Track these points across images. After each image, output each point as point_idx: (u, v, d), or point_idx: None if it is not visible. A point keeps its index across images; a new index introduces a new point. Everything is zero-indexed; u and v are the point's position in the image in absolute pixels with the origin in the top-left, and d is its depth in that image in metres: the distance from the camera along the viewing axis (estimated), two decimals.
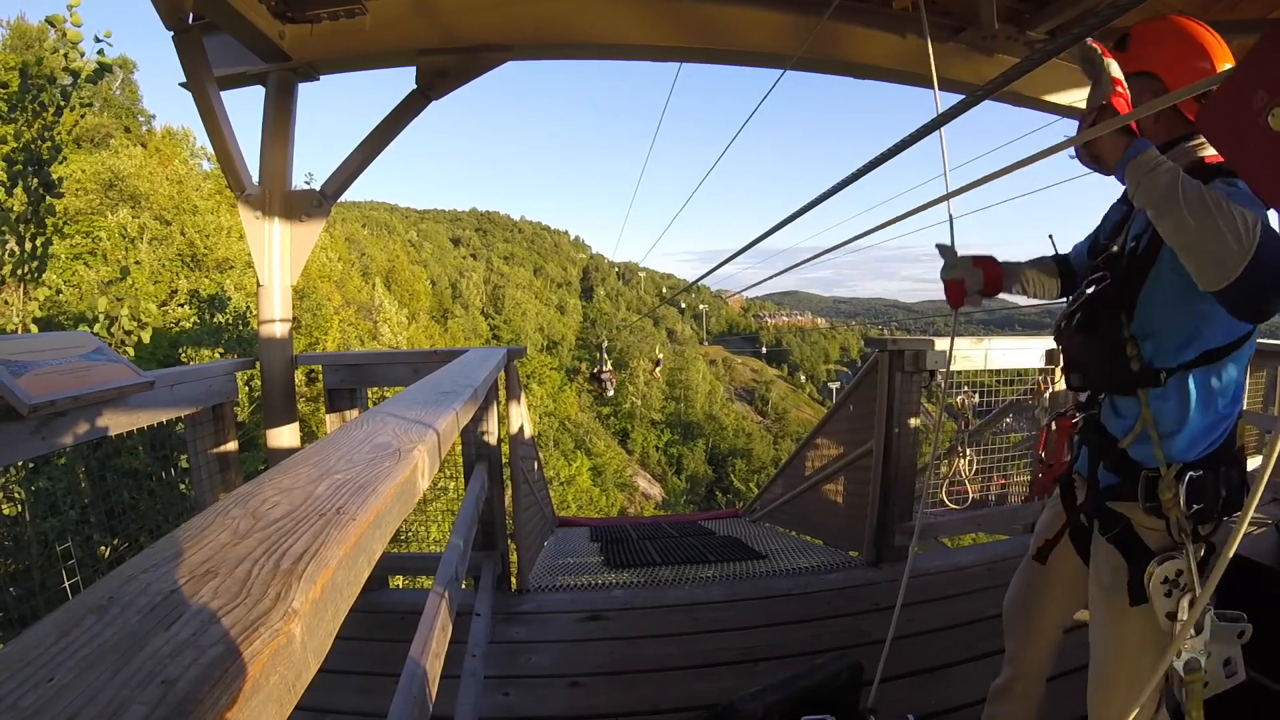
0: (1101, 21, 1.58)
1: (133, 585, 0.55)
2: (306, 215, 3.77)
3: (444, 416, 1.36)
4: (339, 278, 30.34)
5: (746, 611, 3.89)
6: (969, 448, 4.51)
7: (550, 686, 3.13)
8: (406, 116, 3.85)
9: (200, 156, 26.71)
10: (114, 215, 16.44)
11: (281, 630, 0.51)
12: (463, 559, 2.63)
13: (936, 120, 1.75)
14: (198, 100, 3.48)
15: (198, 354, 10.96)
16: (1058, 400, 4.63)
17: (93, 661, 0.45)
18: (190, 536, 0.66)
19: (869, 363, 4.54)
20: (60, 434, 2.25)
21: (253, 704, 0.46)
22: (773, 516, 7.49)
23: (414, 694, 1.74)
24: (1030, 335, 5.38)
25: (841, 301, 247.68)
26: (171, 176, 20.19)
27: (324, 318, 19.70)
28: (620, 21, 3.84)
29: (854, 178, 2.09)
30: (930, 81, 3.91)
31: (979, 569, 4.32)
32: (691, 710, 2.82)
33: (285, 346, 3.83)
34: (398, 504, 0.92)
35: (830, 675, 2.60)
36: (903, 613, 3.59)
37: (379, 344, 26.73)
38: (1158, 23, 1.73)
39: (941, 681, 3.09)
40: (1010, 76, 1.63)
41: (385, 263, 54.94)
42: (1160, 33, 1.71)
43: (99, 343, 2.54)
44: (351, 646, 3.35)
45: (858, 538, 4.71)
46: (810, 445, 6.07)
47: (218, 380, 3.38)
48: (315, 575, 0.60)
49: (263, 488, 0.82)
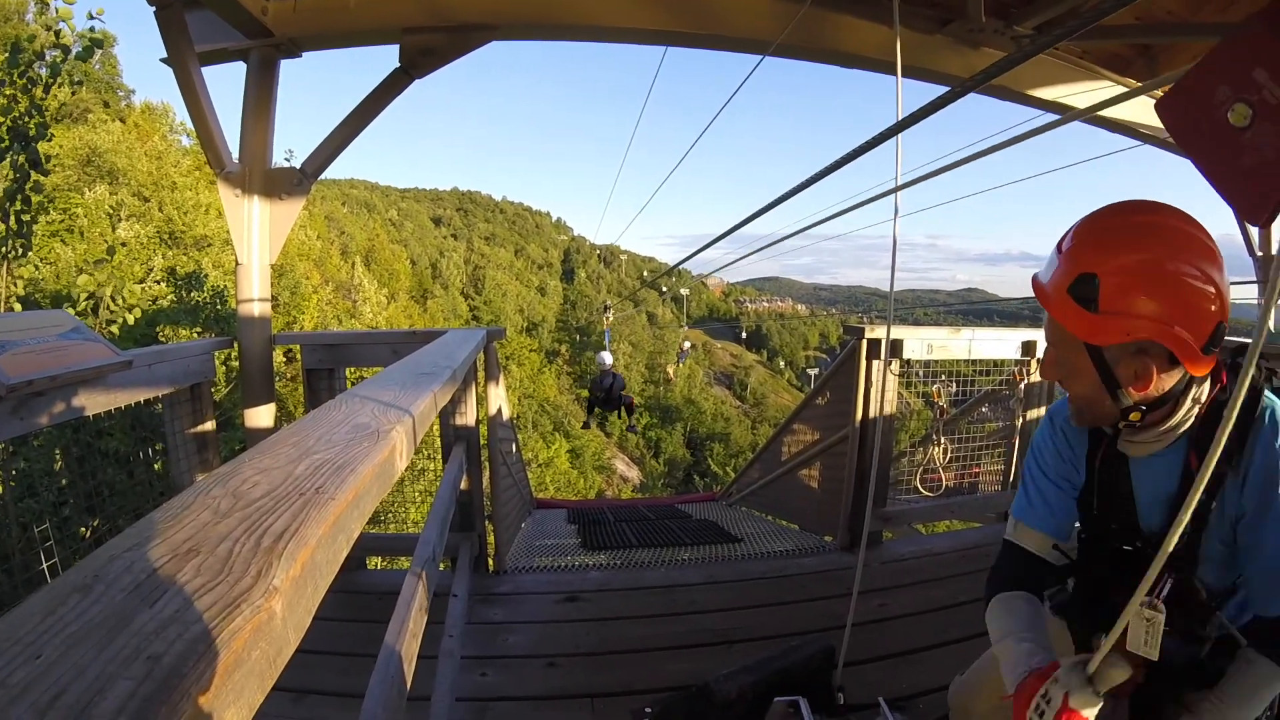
0: (1089, 20, 1.60)
1: (116, 564, 0.55)
2: (286, 193, 3.74)
3: (423, 398, 1.37)
4: (318, 256, 29.99)
5: (723, 594, 3.92)
6: (944, 436, 4.56)
7: (527, 667, 3.16)
8: (389, 95, 3.82)
9: (180, 132, 26.31)
10: (91, 192, 16.16)
11: (263, 607, 0.52)
12: (440, 540, 2.63)
13: (908, 119, 1.77)
14: (179, 76, 3.44)
15: (175, 333, 10.83)
16: (1032, 391, 4.69)
17: (79, 638, 0.46)
18: (172, 516, 0.66)
19: (847, 350, 4.57)
20: (38, 414, 2.24)
21: (235, 678, 0.47)
22: (749, 500, 7.54)
23: (391, 674, 1.75)
24: (1007, 327, 5.43)
25: (822, 288, 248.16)
26: (150, 152, 19.83)
27: (302, 296, 19.48)
28: (608, 3, 3.83)
29: (833, 168, 2.11)
30: (914, 73, 3.95)
31: (953, 555, 4.38)
32: (667, 691, 2.85)
33: (264, 326, 3.80)
34: (376, 484, 0.93)
35: (804, 657, 2.63)
36: (877, 597, 3.65)
37: (358, 323, 26.48)
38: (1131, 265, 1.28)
39: (914, 665, 3.14)
40: (991, 73, 1.65)
41: (365, 241, 54.53)
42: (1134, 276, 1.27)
43: (77, 321, 2.52)
44: (329, 627, 3.34)
45: (833, 522, 4.76)
46: (787, 431, 6.11)
47: (196, 360, 3.36)
48: (295, 553, 0.61)
49: (243, 467, 0.83)
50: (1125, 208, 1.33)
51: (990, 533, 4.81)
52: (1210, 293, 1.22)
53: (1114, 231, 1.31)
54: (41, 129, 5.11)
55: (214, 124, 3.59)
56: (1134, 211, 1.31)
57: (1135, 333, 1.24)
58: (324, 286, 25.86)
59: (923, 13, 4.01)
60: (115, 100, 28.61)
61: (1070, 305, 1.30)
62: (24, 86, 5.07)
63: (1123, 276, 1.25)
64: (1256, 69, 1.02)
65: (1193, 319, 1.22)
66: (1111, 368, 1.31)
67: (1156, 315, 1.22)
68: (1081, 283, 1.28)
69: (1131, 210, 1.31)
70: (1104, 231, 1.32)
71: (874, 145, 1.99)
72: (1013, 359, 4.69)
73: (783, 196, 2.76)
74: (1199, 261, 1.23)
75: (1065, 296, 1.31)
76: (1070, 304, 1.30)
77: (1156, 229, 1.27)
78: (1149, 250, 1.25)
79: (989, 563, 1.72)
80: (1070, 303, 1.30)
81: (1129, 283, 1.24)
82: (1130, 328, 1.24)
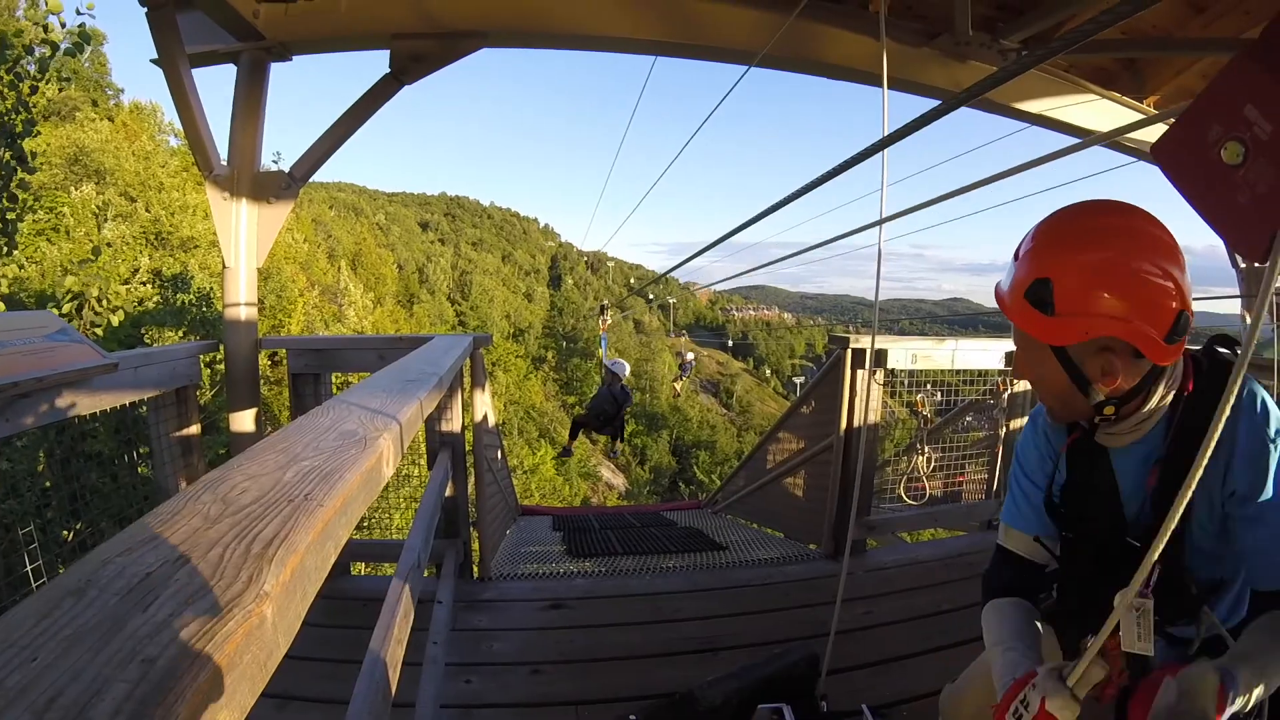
0: (1080, 37, 1.62)
1: (109, 569, 0.56)
2: (275, 197, 3.74)
3: (409, 404, 1.38)
4: (304, 259, 29.90)
5: (707, 601, 3.93)
6: (928, 445, 4.59)
7: (512, 674, 3.15)
8: (379, 100, 3.82)
9: (168, 133, 26.23)
10: (78, 191, 16.07)
11: (254, 611, 0.53)
12: (425, 546, 2.63)
13: (895, 134, 1.78)
14: (169, 77, 3.43)
15: (161, 335, 10.78)
16: (1016, 401, 4.73)
17: (74, 642, 0.46)
18: (163, 521, 0.67)
19: (832, 360, 4.60)
20: (24, 415, 2.22)
21: (228, 681, 0.48)
22: (735, 508, 7.54)
23: (376, 680, 1.75)
24: (992, 337, 5.47)
25: (809, 297, 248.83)
26: (138, 152, 19.78)
27: (288, 300, 19.41)
28: (598, 12, 3.84)
29: (819, 182, 2.13)
30: (901, 85, 3.98)
31: (936, 563, 4.40)
32: (652, 698, 2.86)
33: (250, 330, 3.79)
34: (363, 491, 0.94)
35: (788, 665, 2.65)
36: (861, 605, 3.66)
37: (344, 327, 26.38)
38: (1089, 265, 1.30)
39: (898, 672, 3.16)
40: (981, 88, 1.66)
41: (352, 245, 54.28)
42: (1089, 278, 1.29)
43: (62, 323, 2.51)
44: (314, 633, 3.33)
45: (818, 530, 4.77)
46: (773, 439, 6.12)
47: (181, 363, 3.34)
48: (285, 559, 0.61)
49: (232, 474, 0.83)
50: (1075, 211, 1.35)
51: (974, 541, 4.84)
52: (1166, 285, 1.24)
53: (1065, 235, 1.34)
54: (28, 125, 5.08)
55: (203, 126, 3.58)
56: (1083, 214, 1.34)
57: (1093, 331, 1.27)
58: (310, 290, 25.76)
59: (909, 26, 4.05)
60: (104, 99, 28.47)
61: (1028, 310, 1.33)
62: (10, 82, 5.05)
63: (1076, 277, 1.27)
64: (1247, 106, 1.04)
65: (1151, 312, 1.25)
66: (1079, 366, 1.34)
67: (1113, 313, 1.25)
68: (1036, 287, 1.31)
69: (1081, 213, 1.34)
70: (1054, 236, 1.35)
71: (861, 160, 2.01)
72: (996, 369, 4.73)
73: (770, 209, 2.79)
74: (1152, 255, 1.25)
75: (1023, 301, 1.34)
76: (1028, 308, 1.33)
77: (1106, 229, 1.30)
78: (1100, 250, 1.28)
79: (973, 571, 1.73)
80: (1028, 307, 1.33)
81: (1083, 283, 1.27)
82: (1088, 327, 1.27)
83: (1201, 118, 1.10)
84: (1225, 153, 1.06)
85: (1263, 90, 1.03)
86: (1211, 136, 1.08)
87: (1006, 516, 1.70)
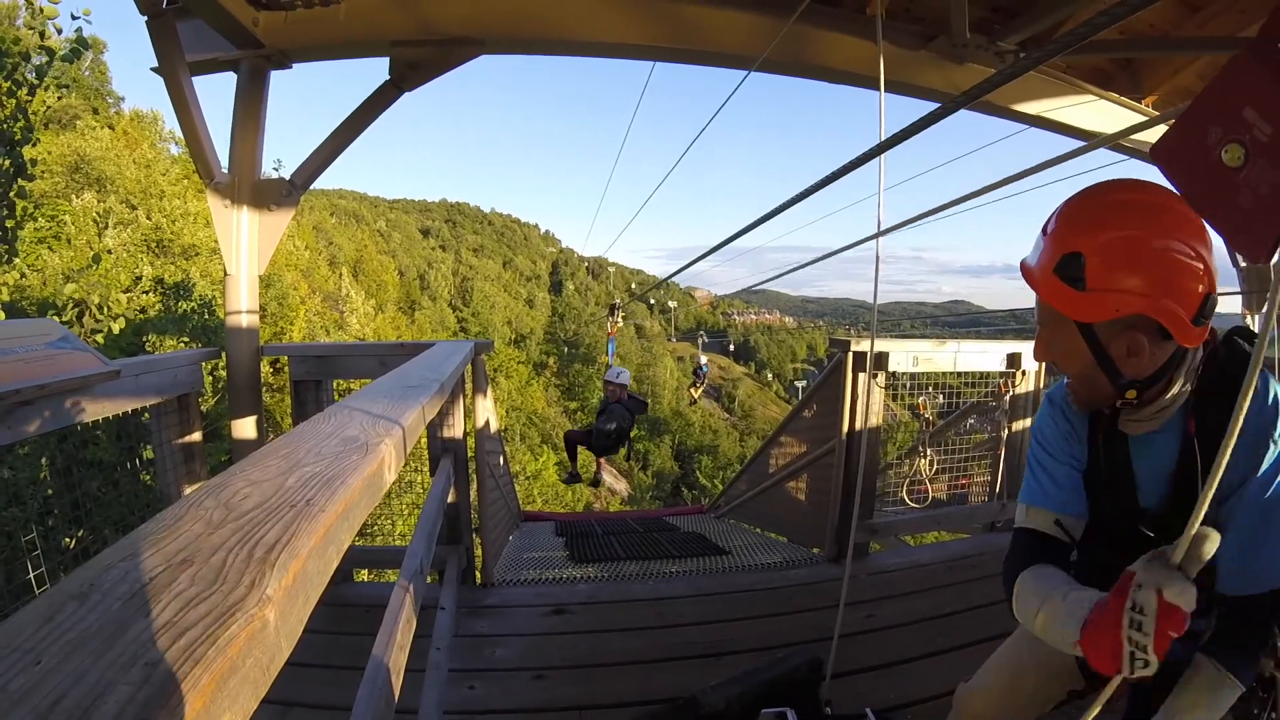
0: (1078, 38, 1.62)
1: (112, 573, 0.56)
2: (276, 204, 3.74)
3: (411, 410, 1.38)
4: (306, 266, 29.92)
5: (710, 606, 3.93)
6: (930, 448, 4.59)
7: (515, 679, 3.15)
8: (378, 107, 3.83)
9: (169, 140, 26.21)
10: (79, 199, 16.08)
11: (256, 616, 0.53)
12: (428, 552, 2.63)
13: (893, 138, 1.79)
14: (169, 85, 3.44)
15: (162, 342, 10.78)
16: (1018, 403, 4.72)
17: (77, 645, 0.47)
18: (165, 527, 0.67)
19: (833, 363, 4.59)
20: (26, 423, 2.22)
21: (230, 684, 0.48)
22: (737, 513, 7.54)
23: (379, 687, 1.75)
24: (993, 339, 5.47)
25: (810, 301, 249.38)
26: (139, 160, 19.77)
27: (290, 307, 19.43)
28: (596, 19, 3.85)
29: (818, 187, 2.13)
30: (898, 88, 3.98)
31: (940, 566, 4.39)
32: (654, 703, 2.85)
33: (251, 337, 3.80)
34: (365, 497, 0.94)
35: (791, 669, 2.65)
36: (864, 609, 3.66)
37: (345, 334, 26.40)
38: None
39: (901, 676, 3.15)
40: (979, 91, 1.67)
41: (353, 252, 54.45)
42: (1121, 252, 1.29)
43: (65, 330, 2.51)
44: (316, 639, 3.33)
45: (820, 534, 4.77)
46: (775, 443, 6.11)
47: (183, 370, 3.35)
48: (287, 564, 0.62)
49: (234, 480, 0.83)
50: (1107, 187, 1.34)
51: (977, 544, 4.83)
52: (1196, 266, 1.24)
53: (1097, 210, 1.33)
54: (27, 133, 5.08)
55: (204, 134, 3.59)
56: (1116, 190, 1.32)
57: (1124, 308, 1.26)
58: (311, 297, 25.79)
59: (907, 29, 4.05)
60: (104, 107, 28.56)
61: (1058, 285, 1.32)
62: (8, 90, 5.05)
63: (1108, 253, 1.26)
64: (1246, 108, 1.04)
65: (1180, 291, 1.24)
66: (1104, 345, 1.33)
67: (1144, 290, 1.24)
68: (1068, 262, 1.30)
69: (1113, 189, 1.33)
70: (1087, 211, 1.34)
71: (859, 164, 2.01)
72: (998, 371, 4.73)
73: (769, 214, 2.79)
74: (1183, 234, 1.24)
75: (1052, 277, 1.33)
76: (1058, 284, 1.32)
77: (1139, 205, 1.28)
78: (1133, 226, 1.27)
79: (976, 573, 1.71)
80: (1058, 283, 1.32)
81: (1115, 259, 1.26)
82: (1119, 303, 1.26)
83: (1201, 120, 1.10)
84: (1226, 155, 1.06)
85: (1262, 92, 1.03)
86: (1211, 139, 1.08)
87: (1025, 496, 1.63)
